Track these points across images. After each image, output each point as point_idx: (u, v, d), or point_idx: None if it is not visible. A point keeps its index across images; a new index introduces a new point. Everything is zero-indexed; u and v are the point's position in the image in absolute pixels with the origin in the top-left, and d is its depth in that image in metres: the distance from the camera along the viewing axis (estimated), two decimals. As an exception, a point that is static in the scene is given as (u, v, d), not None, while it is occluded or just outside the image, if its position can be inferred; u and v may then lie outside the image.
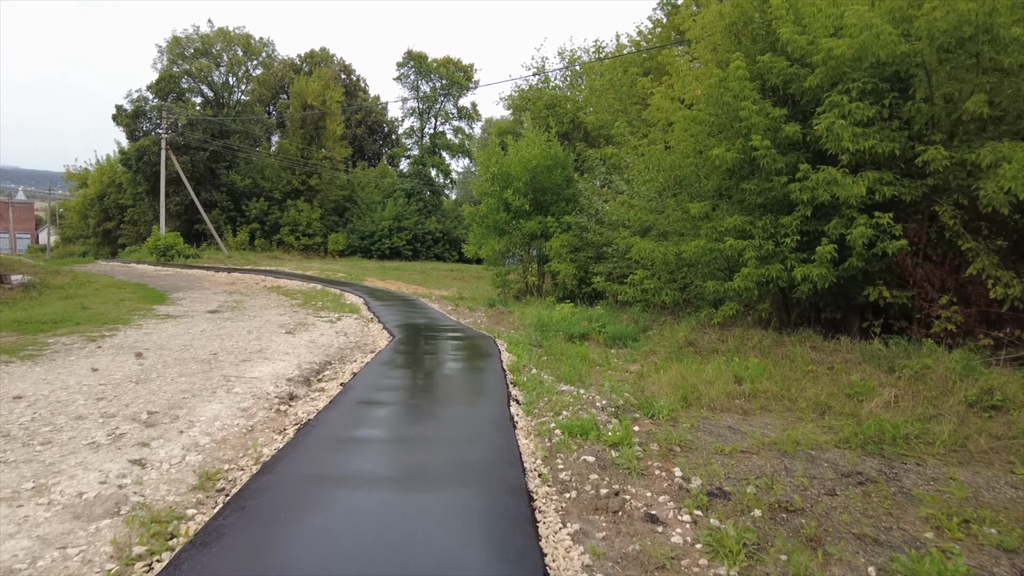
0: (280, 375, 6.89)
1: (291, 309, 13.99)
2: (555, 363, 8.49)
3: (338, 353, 8.63)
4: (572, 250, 16.21)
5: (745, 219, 9.14)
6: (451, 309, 16.01)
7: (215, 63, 44.64)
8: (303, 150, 45.10)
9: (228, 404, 5.58)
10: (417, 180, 48.08)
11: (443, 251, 45.47)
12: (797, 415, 6.44)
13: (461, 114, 52.25)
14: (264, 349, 8.45)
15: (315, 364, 7.69)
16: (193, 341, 8.91)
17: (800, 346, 8.60)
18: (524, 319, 13.22)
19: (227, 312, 13.12)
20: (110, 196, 48.24)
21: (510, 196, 16.81)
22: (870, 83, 8.07)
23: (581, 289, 16.23)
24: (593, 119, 16.95)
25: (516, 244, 17.97)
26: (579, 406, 5.97)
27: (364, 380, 6.73)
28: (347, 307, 14.82)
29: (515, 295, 18.74)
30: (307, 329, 10.66)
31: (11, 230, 72.55)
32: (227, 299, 16.01)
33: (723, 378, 7.49)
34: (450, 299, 18.64)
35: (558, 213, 17.06)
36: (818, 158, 9.09)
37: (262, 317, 12.24)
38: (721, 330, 9.85)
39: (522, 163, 16.97)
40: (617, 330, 10.92)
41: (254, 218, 43.43)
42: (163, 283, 20.86)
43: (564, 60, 31.37)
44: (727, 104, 9.32)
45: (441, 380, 6.92)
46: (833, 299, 9.56)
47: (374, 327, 11.65)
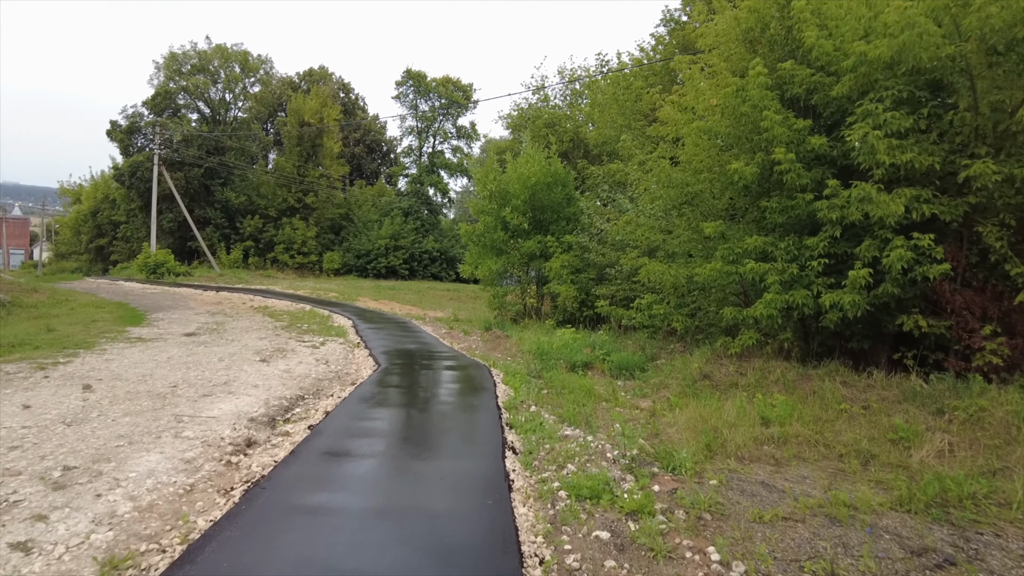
0: (242, 414, 6.00)
1: (273, 332, 13.11)
2: (557, 398, 7.60)
3: (314, 385, 7.74)
4: (573, 271, 15.40)
5: (766, 240, 8.34)
6: (445, 332, 15.13)
7: (212, 80, 44.20)
8: (299, 167, 44.48)
9: (170, 454, 4.69)
10: (415, 199, 47.47)
11: (440, 270, 44.67)
12: (837, 465, 5.57)
13: (460, 133, 51.87)
14: (231, 381, 7.55)
15: (285, 400, 6.80)
16: (155, 370, 8.02)
17: (829, 381, 7.74)
18: (522, 345, 12.34)
19: (204, 335, 12.23)
20: (103, 212, 47.51)
21: (508, 214, 16.03)
22: (906, 91, 7.31)
23: (582, 312, 15.38)
24: (596, 135, 16.25)
25: (514, 264, 17.15)
26: (587, 456, 5.08)
27: (337, 422, 5.84)
28: (334, 330, 13.93)
29: (513, 317, 17.87)
30: (285, 356, 9.78)
31: (4, 246, 71.94)
32: (208, 320, 15.12)
33: (748, 420, 6.61)
34: (444, 321, 17.77)
35: (558, 232, 16.28)
36: (843, 174, 8.33)
37: (240, 341, 11.36)
38: (739, 361, 8.98)
39: (521, 180, 16.22)
40: (623, 359, 10.05)
41: (248, 236, 42.65)
42: (146, 302, 19.97)
43: (564, 79, 30.88)
44: (745, 115, 8.57)
45: (426, 422, 6.02)
46: (860, 328, 8.70)
47: (359, 353, 10.76)
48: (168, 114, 42.06)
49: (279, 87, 49.18)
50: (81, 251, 50.93)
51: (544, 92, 31.00)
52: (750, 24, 9.20)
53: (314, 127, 43.84)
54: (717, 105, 8.82)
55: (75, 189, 53.52)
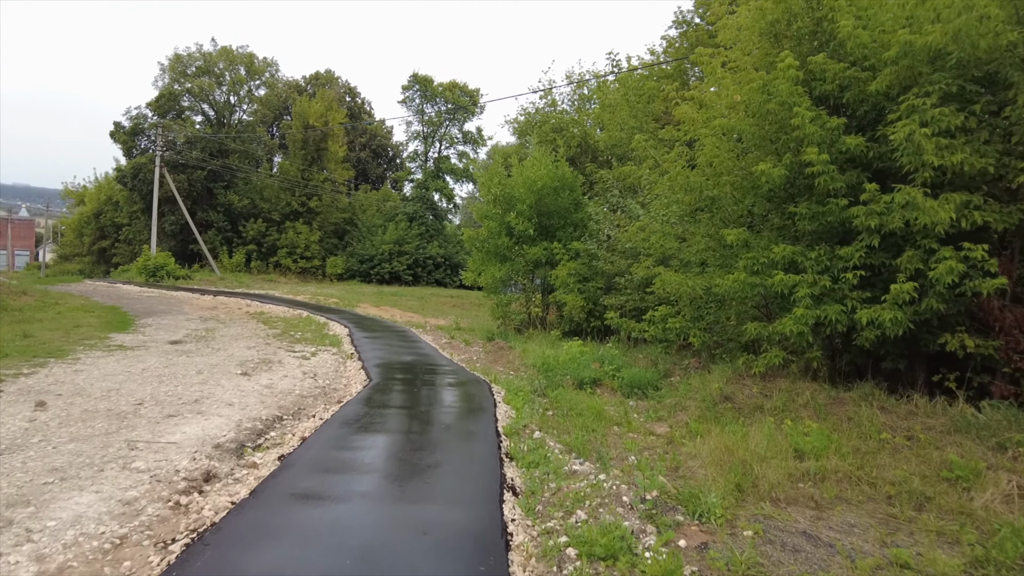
0: (208, 439, 5.30)
1: (264, 341, 12.42)
2: (563, 421, 6.87)
3: (296, 404, 7.03)
4: (580, 280, 14.67)
5: (795, 249, 7.59)
6: (445, 342, 14.42)
7: (217, 82, 43.80)
8: (304, 171, 43.98)
9: (109, 493, 3.98)
10: (420, 204, 46.91)
11: (444, 276, 44.03)
12: (887, 510, 4.81)
13: (466, 139, 51.36)
14: (205, 397, 6.86)
15: (261, 421, 6.09)
16: (124, 384, 7.34)
17: (865, 406, 6.98)
18: (526, 357, 11.61)
19: (190, 343, 11.55)
20: (106, 214, 47.08)
21: (513, 219, 15.34)
22: (955, 85, 6.59)
23: (589, 323, 14.64)
24: (605, 137, 15.53)
25: (519, 272, 16.42)
26: (599, 500, 4.34)
27: (312, 451, 5.13)
28: (328, 339, 13.24)
29: (516, 327, 17.13)
30: (270, 368, 9.08)
31: (9, 247, 71.83)
32: (199, 327, 14.46)
33: (779, 451, 5.86)
34: (446, 330, 17.06)
35: (565, 239, 15.55)
36: (877, 177, 7.60)
37: (226, 351, 10.67)
38: (762, 382, 8.22)
39: (527, 184, 15.53)
40: (634, 376, 9.31)
41: (251, 239, 42.14)
42: (139, 306, 19.34)
43: (572, 83, 30.26)
44: (771, 112, 7.85)
45: (414, 453, 5.29)
46: (895, 346, 7.93)
47: (351, 366, 10.05)
48: (172, 116, 41.66)
49: (285, 90, 48.79)
50: (84, 253, 50.50)
51: (551, 97, 30.39)
52: (776, 16, 8.49)
53: (319, 130, 43.37)
54: (741, 102, 8.10)
55: (79, 191, 53.17)
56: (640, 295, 13.02)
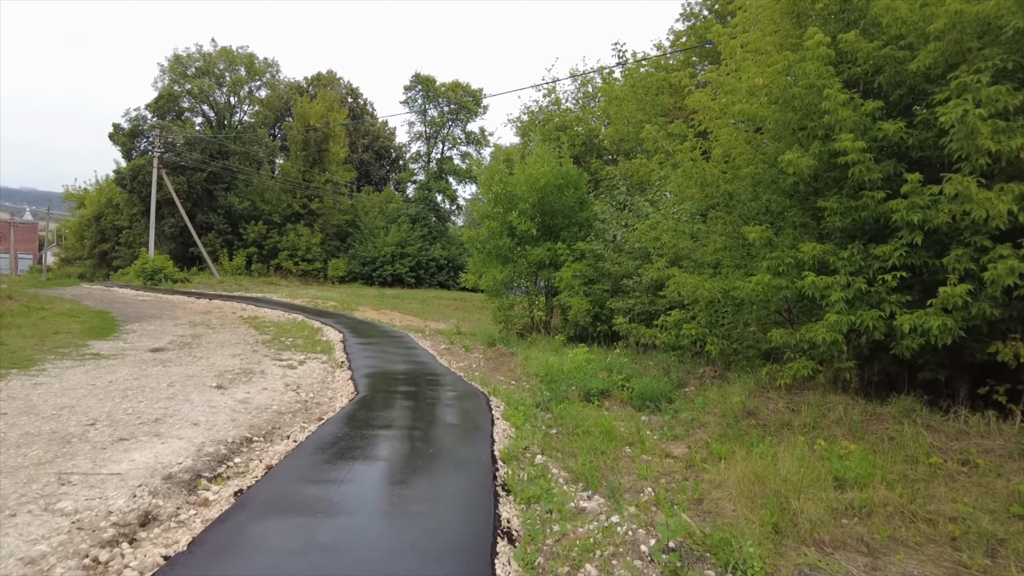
0: (159, 468, 4.58)
1: (251, 348, 11.72)
2: (569, 442, 6.13)
3: (271, 422, 6.32)
4: (585, 282, 13.91)
5: (825, 248, 6.83)
6: (444, 348, 13.70)
7: (217, 83, 43.26)
8: (305, 173, 43.42)
9: (10, 549, 3.27)
10: (422, 205, 46.30)
11: (447, 279, 43.36)
12: (953, 556, 4.06)
13: (469, 139, 50.72)
14: (168, 415, 6.15)
15: (226, 444, 5.37)
16: (83, 400, 6.64)
17: (907, 424, 6.21)
18: (528, 365, 10.87)
19: (172, 351, 10.87)
20: (106, 217, 46.63)
21: (515, 219, 14.60)
22: (1010, 60, 5.83)
23: (595, 327, 13.88)
24: (612, 131, 14.78)
25: (521, 274, 15.66)
26: (612, 549, 3.60)
27: (276, 483, 4.41)
28: (319, 346, 12.54)
29: (519, 332, 16.38)
30: (250, 380, 8.37)
31: (12, 250, 71.67)
32: (186, 332, 13.79)
33: (815, 478, 5.10)
34: (445, 335, 16.34)
35: (570, 239, 14.80)
36: (916, 168, 6.84)
37: (208, 359, 9.98)
38: (788, 395, 7.45)
39: (529, 182, 14.79)
40: (646, 386, 8.56)
41: (252, 242, 41.58)
42: (129, 311, 18.70)
43: (576, 82, 29.53)
44: (797, 97, 7.10)
45: (394, 488, 4.54)
46: (935, 355, 7.15)
47: (340, 376, 9.33)
48: (172, 117, 41.15)
49: (286, 92, 48.27)
50: (85, 256, 50.08)
51: (555, 95, 29.68)
52: (801, -9, 7.74)
53: (320, 131, 42.79)
54: (763, 86, 7.35)
55: (79, 194, 52.81)
56: (649, 298, 12.27)
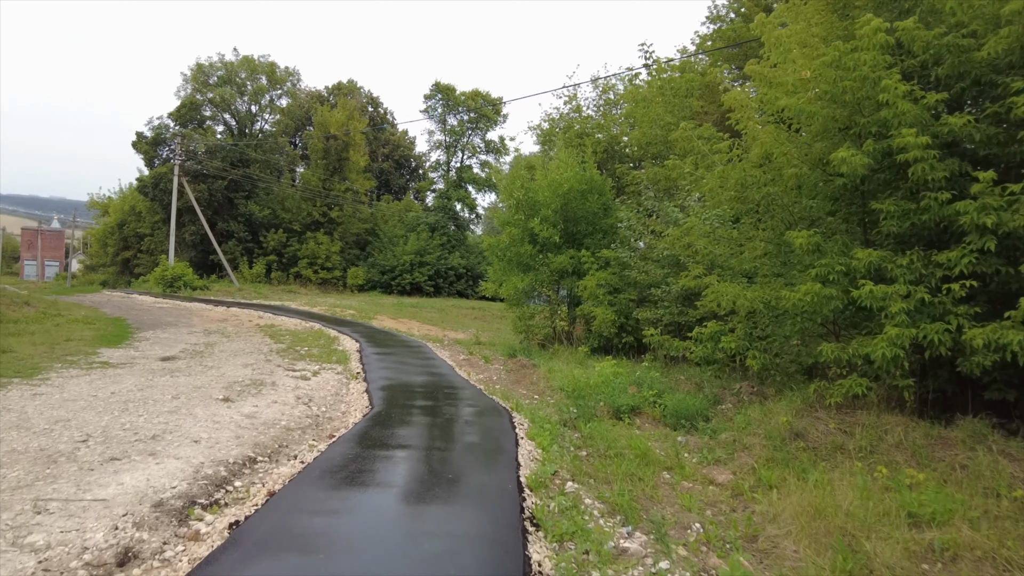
0: (149, 494, 4.13)
1: (264, 357, 11.33)
2: (602, 467, 5.57)
3: (278, 440, 5.85)
4: (610, 291, 13.35)
5: (882, 254, 6.23)
6: (463, 359, 13.20)
7: (239, 91, 43.50)
8: (325, 181, 43.41)
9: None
10: (442, 214, 46.06)
11: (466, 287, 42.98)
12: (1064, 614, 3.44)
13: (488, 148, 50.50)
14: (166, 432, 5.71)
15: (227, 465, 4.91)
16: (80, 413, 6.24)
17: (981, 450, 5.56)
18: (551, 378, 10.32)
19: (183, 360, 10.51)
20: (129, 225, 47.04)
21: (537, 226, 14.11)
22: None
23: (621, 338, 13.29)
24: (638, 135, 14.21)
25: (543, 282, 15.14)
26: (662, 605, 3.05)
27: (277, 514, 3.92)
28: (335, 355, 12.11)
29: (540, 342, 15.84)
30: (260, 392, 7.93)
31: (39, 258, 73.08)
32: (199, 340, 13.47)
33: (883, 513, 4.50)
34: (464, 345, 15.85)
35: (593, 247, 14.27)
36: (982, 167, 6.24)
37: (218, 370, 9.59)
38: (839, 415, 6.82)
39: (552, 188, 14.31)
40: (680, 403, 7.97)
41: (272, 250, 41.57)
42: (145, 318, 18.51)
43: (597, 89, 29.06)
44: (849, 90, 6.52)
45: (408, 522, 4.03)
46: (1004, 372, 6.50)
47: (355, 388, 8.87)
48: (193, 126, 41.42)
49: (307, 101, 48.44)
50: (108, 263, 50.58)
51: (576, 103, 29.23)
52: (849, -20, 7.19)
53: (340, 140, 42.80)
54: (811, 78, 6.78)
55: (103, 202, 53.45)
56: (679, 308, 11.68)
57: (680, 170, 9.90)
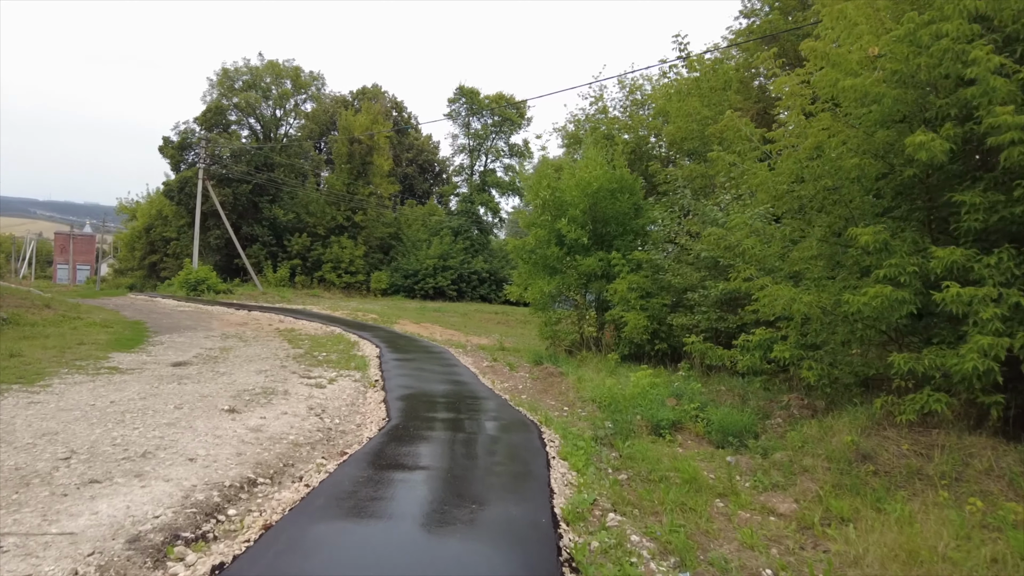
0: (127, 525, 3.57)
1: (280, 363, 10.84)
2: (646, 494, 4.88)
3: (283, 458, 5.28)
4: (642, 295, 12.61)
5: (966, 253, 5.46)
6: (487, 366, 12.58)
7: (264, 96, 43.64)
8: (349, 185, 43.28)
9: None
10: (465, 218, 45.61)
11: (489, 292, 42.44)
12: None
13: (512, 151, 49.94)
14: (161, 448, 5.17)
15: (222, 489, 4.34)
16: (72, 424, 5.75)
17: (1095, 481, 4.76)
18: (581, 388, 9.64)
19: (195, 365, 10.07)
20: (156, 229, 47.42)
21: (564, 227, 13.43)
22: None
23: (653, 345, 12.55)
24: (672, 129, 13.48)
25: (570, 286, 14.46)
26: None
27: (271, 555, 3.32)
28: (354, 361, 11.58)
29: (567, 348, 15.14)
30: (270, 402, 7.39)
31: (71, 262, 74.51)
32: (215, 345, 13.06)
33: (993, 558, 3.75)
34: (488, 351, 15.23)
35: (624, 248, 13.56)
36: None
37: (230, 376, 9.11)
38: (912, 434, 6.03)
39: (580, 187, 13.63)
40: (725, 418, 7.23)
41: (296, 254, 41.54)
42: (165, 322, 18.25)
43: (624, 89, 28.32)
44: (924, 67, 5.77)
45: (425, 568, 3.42)
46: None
47: (372, 397, 8.30)
48: (219, 130, 41.60)
49: (332, 105, 48.46)
50: (135, 267, 51.10)
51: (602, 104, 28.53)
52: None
53: (364, 144, 42.64)
54: (880, 56, 6.04)
55: (132, 206, 54.12)
56: (718, 313, 10.92)
57: (723, 163, 9.15)
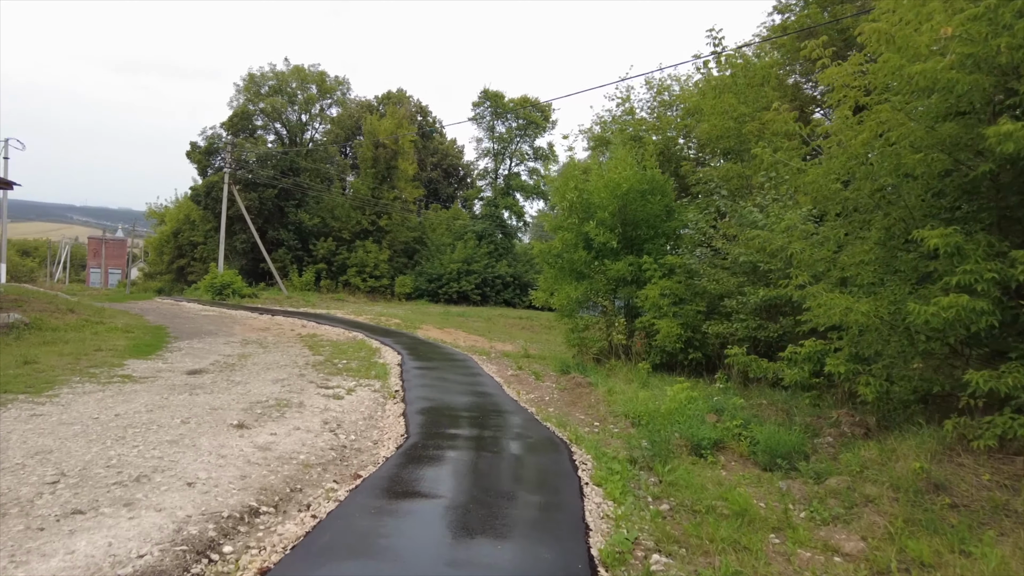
0: (105, 567, 3.14)
1: (298, 371, 10.48)
2: (693, 529, 4.32)
3: (292, 480, 4.83)
4: (675, 301, 12.00)
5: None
6: (511, 375, 12.08)
7: (289, 101, 43.82)
8: (374, 190, 43.20)
9: None
10: (489, 222, 45.20)
11: (513, 296, 41.93)
12: None
13: (537, 155, 49.40)
14: (161, 468, 4.77)
15: (219, 521, 3.90)
16: (71, 440, 5.39)
17: None
18: (612, 401, 9.07)
19: (211, 374, 9.75)
20: (184, 233, 47.90)
21: (592, 230, 12.86)
22: None
23: (687, 354, 11.92)
24: (707, 128, 12.81)
25: (598, 291, 13.89)
26: None
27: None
28: (375, 369, 11.17)
29: (595, 356, 14.57)
30: (282, 415, 6.98)
31: (103, 265, 76.10)
32: (234, 352, 12.78)
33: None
34: (513, 358, 14.73)
35: (655, 253, 12.96)
36: None
37: (245, 386, 8.75)
38: (992, 462, 5.37)
39: (609, 188, 13.05)
40: (771, 437, 6.60)
41: (321, 258, 41.52)
42: (187, 327, 18.10)
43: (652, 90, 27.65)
44: (1005, 49, 5.12)
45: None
46: None
47: (391, 410, 7.85)
48: (245, 135, 41.84)
49: (357, 110, 48.50)
50: (163, 271, 51.72)
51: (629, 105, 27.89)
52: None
53: (389, 148, 42.53)
54: (954, 36, 5.41)
55: (160, 211, 54.82)
56: (757, 322, 10.27)
57: (766, 160, 8.52)
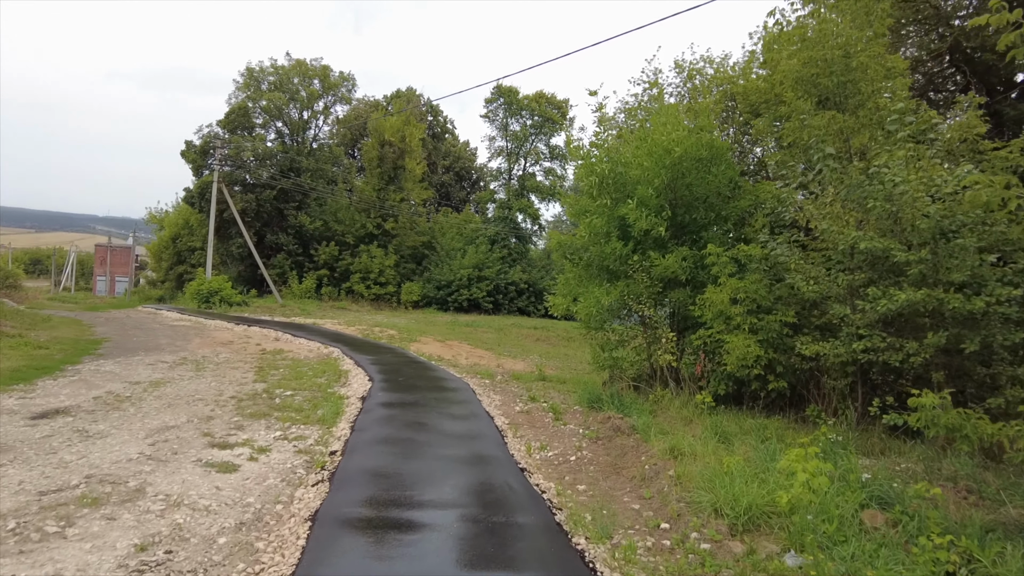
0: None
1: (208, 412, 7.18)
2: None
3: None
4: (752, 309, 8.49)
5: None
6: (520, 412, 8.70)
7: (291, 97, 40.94)
8: (380, 191, 40.10)
9: None
10: (502, 225, 41.86)
11: (527, 304, 38.48)
12: None
13: (553, 154, 45.92)
14: None
15: None
16: None
17: None
18: (682, 475, 5.60)
19: (70, 417, 6.53)
20: (182, 239, 45.41)
21: (631, 212, 9.36)
22: None
23: (765, 383, 8.39)
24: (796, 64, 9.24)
25: (639, 295, 10.20)
26: None
27: None
28: (325, 406, 7.83)
29: (632, 381, 11.00)
30: (67, 528, 3.65)
31: (108, 273, 74.21)
32: (153, 376, 9.55)
33: None
34: (524, 381, 11.34)
35: (716, 241, 9.42)
36: None
37: (93, 443, 5.46)
38: None
39: (654, 156, 9.56)
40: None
41: (323, 264, 38.40)
42: (135, 340, 14.92)
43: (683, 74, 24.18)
44: None
45: None
46: None
47: (299, 505, 4.45)
48: (242, 133, 39.02)
49: (364, 110, 45.57)
50: (163, 279, 49.31)
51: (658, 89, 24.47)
52: None
53: (396, 147, 39.44)
54: None
55: (161, 216, 52.49)
56: (884, 339, 6.75)
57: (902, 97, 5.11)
